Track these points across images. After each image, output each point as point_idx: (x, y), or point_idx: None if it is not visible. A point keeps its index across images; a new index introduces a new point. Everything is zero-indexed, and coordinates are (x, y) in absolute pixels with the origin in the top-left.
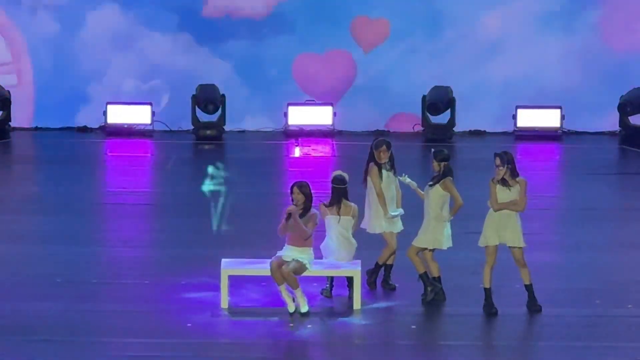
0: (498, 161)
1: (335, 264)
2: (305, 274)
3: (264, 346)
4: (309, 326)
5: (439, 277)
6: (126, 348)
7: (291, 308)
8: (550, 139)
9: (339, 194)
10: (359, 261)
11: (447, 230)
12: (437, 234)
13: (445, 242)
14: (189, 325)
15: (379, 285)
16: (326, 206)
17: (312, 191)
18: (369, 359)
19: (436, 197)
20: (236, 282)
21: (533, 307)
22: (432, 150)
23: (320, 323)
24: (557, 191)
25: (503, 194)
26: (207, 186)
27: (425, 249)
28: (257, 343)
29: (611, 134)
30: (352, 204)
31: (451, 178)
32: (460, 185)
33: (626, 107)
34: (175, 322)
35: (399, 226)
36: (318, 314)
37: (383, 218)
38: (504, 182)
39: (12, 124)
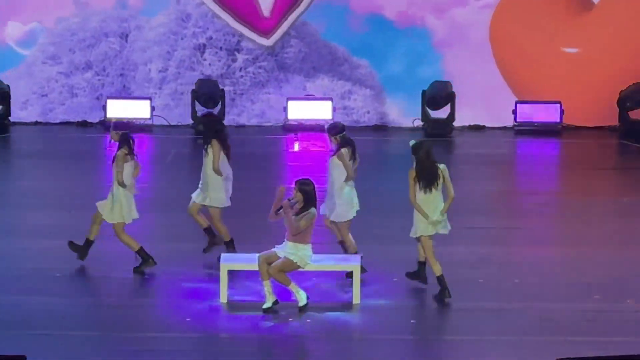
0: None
1: (336, 258)
2: (307, 268)
3: (263, 340)
4: (308, 320)
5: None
6: (125, 342)
7: (266, 305)
8: (549, 134)
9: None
10: (359, 256)
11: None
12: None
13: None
14: (188, 319)
15: (377, 278)
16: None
17: (315, 190)
18: (368, 354)
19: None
20: (235, 276)
21: (443, 296)
22: (326, 126)
23: (320, 317)
24: (557, 186)
25: (427, 195)
26: None
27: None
28: (256, 337)
29: (611, 128)
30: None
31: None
32: (459, 181)
33: (626, 102)
34: (174, 317)
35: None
36: (317, 308)
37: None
38: (428, 182)
39: (12, 118)
